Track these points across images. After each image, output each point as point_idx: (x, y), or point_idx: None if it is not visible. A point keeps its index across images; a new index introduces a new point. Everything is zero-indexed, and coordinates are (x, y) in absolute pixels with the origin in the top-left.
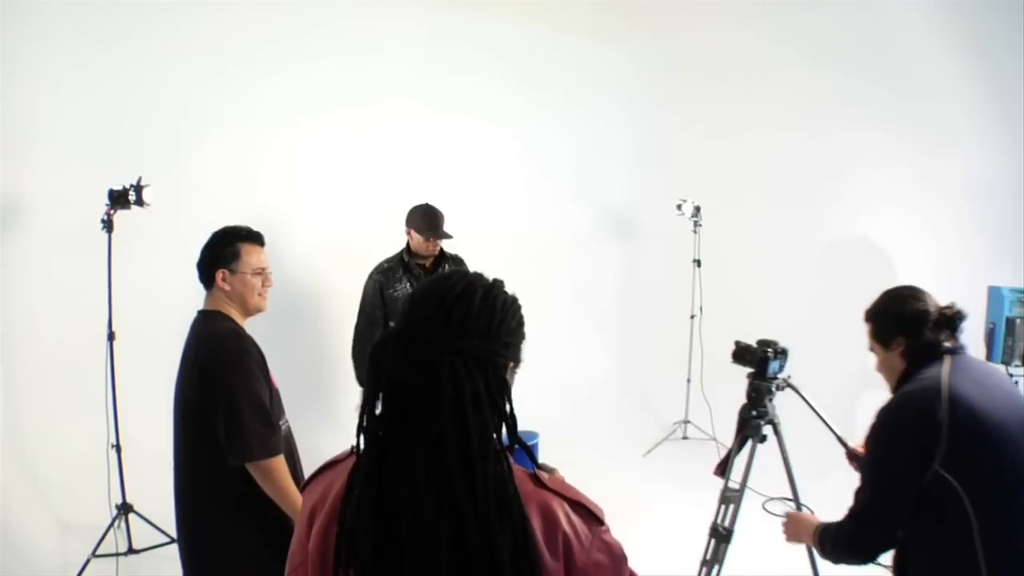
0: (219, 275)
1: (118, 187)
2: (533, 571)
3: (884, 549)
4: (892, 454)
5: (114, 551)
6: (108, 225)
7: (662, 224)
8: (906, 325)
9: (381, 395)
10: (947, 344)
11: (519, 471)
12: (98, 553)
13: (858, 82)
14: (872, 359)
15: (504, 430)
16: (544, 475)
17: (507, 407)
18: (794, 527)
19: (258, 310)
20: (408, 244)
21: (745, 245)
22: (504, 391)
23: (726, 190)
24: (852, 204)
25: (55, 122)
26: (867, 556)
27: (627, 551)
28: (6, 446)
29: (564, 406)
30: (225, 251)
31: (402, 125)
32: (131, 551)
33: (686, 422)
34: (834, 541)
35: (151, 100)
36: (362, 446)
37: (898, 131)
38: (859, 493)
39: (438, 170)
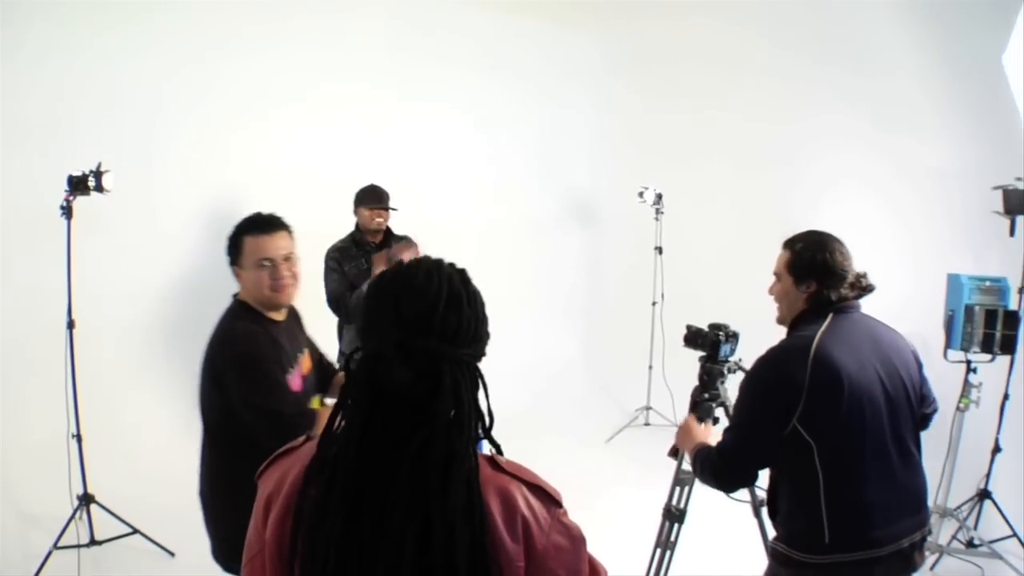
0: (234, 272)
1: (77, 173)
2: (488, 567)
3: (741, 485)
4: (756, 406)
5: (76, 543)
6: (67, 212)
7: (625, 211)
8: (825, 274)
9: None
10: (840, 304)
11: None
12: (60, 545)
13: (822, 68)
14: (769, 282)
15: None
16: (501, 459)
17: (487, 404)
18: (683, 434)
19: (273, 303)
20: (357, 224)
21: (706, 232)
22: (482, 388)
23: (688, 177)
24: (814, 190)
25: (14, 110)
26: (725, 487)
27: (588, 534)
28: None
29: (527, 393)
30: (232, 246)
31: (368, 112)
32: (93, 542)
33: (648, 408)
34: (702, 466)
35: (115, 88)
36: (327, 445)
37: (862, 119)
38: (726, 431)
39: (403, 157)
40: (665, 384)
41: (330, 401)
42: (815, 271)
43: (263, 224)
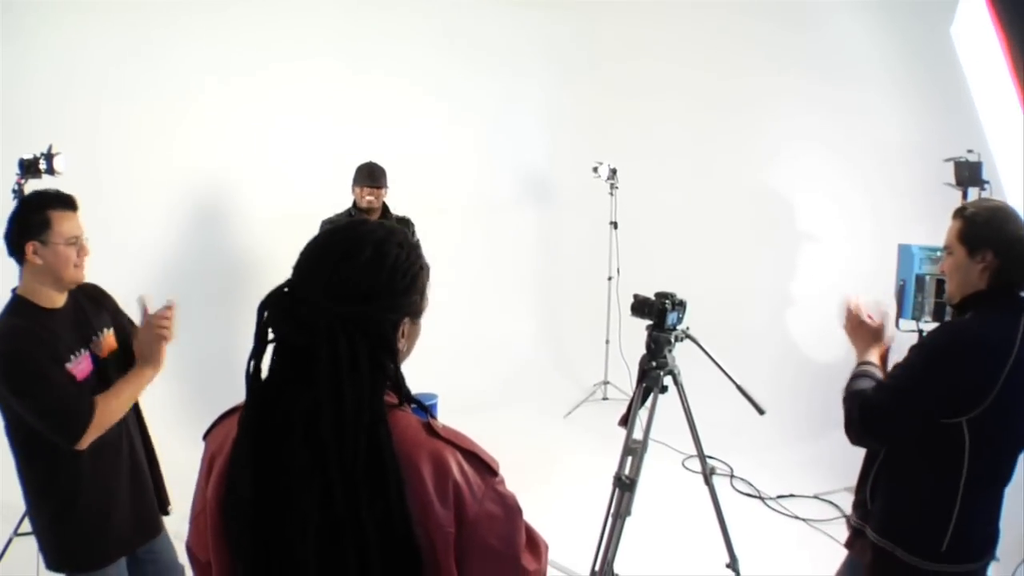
0: (29, 248)
1: (28, 156)
2: (407, 535)
3: (862, 444)
4: (928, 383)
5: None
6: (19, 195)
7: (580, 187)
8: (1002, 244)
9: (272, 348)
10: None
11: (413, 421)
12: (20, 531)
13: (778, 40)
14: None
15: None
16: (438, 425)
17: (392, 367)
18: (860, 332)
19: (74, 282)
20: (354, 202)
21: (660, 206)
22: (389, 352)
23: (642, 152)
24: (766, 161)
25: None
26: (850, 435)
27: (546, 507)
28: None
29: (485, 370)
30: (34, 220)
31: (320, 89)
32: None
33: (606, 383)
34: (850, 396)
35: (68, 69)
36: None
37: (818, 87)
38: (882, 387)
39: (356, 134)
40: (622, 358)
41: None
42: (991, 239)
43: (70, 201)
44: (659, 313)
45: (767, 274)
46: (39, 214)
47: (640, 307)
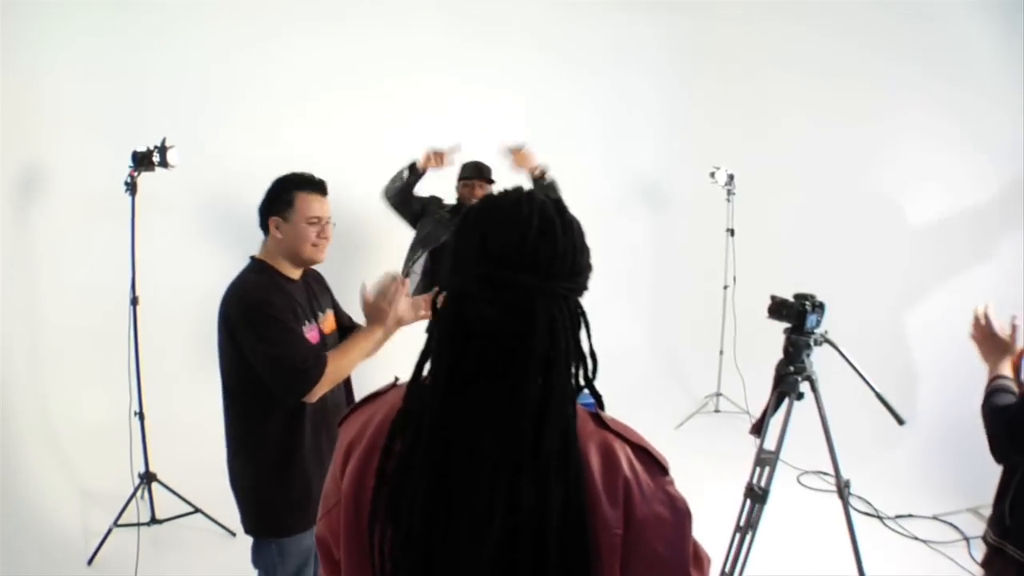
0: (272, 223)
1: (142, 149)
2: (583, 531)
3: (1004, 460)
4: None
5: (136, 521)
6: (132, 188)
7: (694, 193)
8: None
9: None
10: None
11: (580, 410)
12: (120, 522)
13: (903, 50)
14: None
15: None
16: (606, 416)
17: (589, 343)
18: (992, 343)
19: (312, 261)
20: (459, 200)
21: (780, 213)
22: (584, 324)
23: (760, 156)
24: (889, 165)
25: (80, 88)
26: (996, 451)
27: None
28: (29, 414)
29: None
30: (281, 198)
31: (428, 97)
32: (154, 521)
33: (718, 395)
34: (992, 411)
35: (180, 65)
36: (413, 396)
37: (939, 83)
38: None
39: (464, 143)
40: (736, 370)
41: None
42: None
43: (318, 185)
44: (798, 315)
45: (892, 284)
46: (286, 194)
47: (778, 309)
